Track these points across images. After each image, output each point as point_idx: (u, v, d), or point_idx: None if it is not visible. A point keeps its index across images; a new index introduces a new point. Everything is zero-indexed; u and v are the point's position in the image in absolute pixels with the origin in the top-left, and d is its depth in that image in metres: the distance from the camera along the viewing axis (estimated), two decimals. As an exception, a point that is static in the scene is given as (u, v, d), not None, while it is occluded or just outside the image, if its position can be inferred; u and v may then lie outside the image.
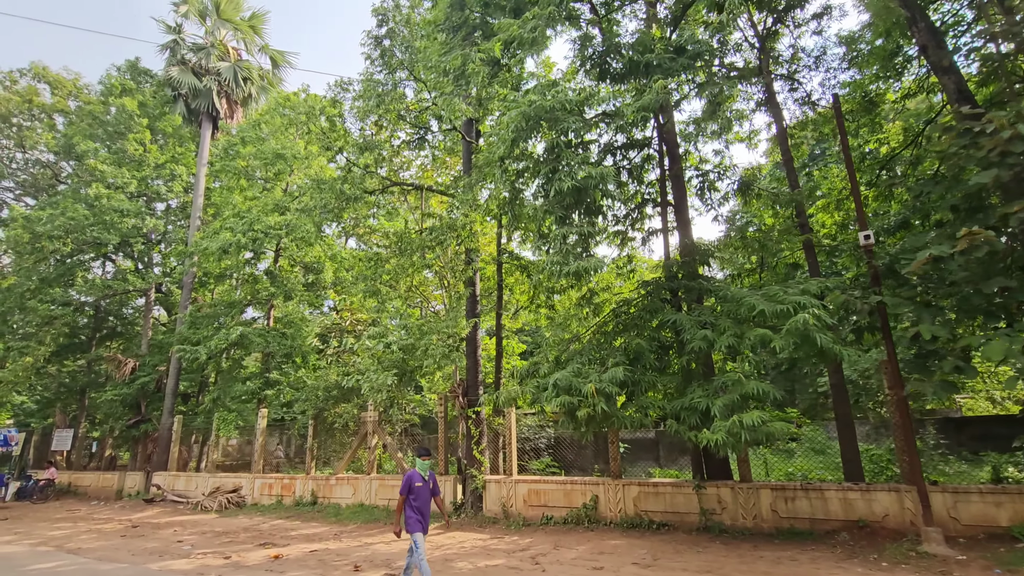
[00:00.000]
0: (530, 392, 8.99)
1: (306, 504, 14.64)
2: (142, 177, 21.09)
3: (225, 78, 24.26)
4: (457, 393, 12.93)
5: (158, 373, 20.46)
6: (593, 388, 7.88)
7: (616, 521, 10.33)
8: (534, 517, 11.21)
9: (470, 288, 13.76)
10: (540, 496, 11.36)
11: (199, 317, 18.85)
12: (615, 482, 10.62)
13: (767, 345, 7.22)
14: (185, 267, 19.45)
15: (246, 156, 19.60)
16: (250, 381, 17.81)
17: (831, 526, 8.70)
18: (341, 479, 14.44)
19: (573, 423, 8.39)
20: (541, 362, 9.70)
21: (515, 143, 7.20)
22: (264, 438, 16.67)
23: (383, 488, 13.61)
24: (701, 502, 9.69)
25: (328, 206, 13.49)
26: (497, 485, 11.93)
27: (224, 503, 15.61)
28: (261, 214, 17.18)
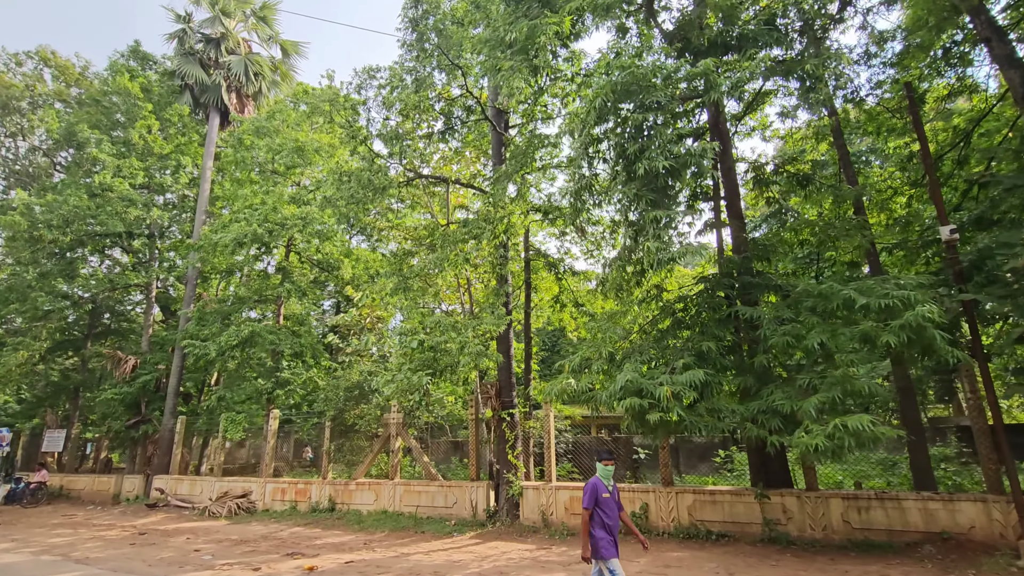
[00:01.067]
0: (588, 390, 8.39)
1: (323, 510, 13.86)
2: (146, 167, 20.22)
3: (234, 72, 23.51)
4: (490, 394, 12.28)
5: (159, 372, 19.55)
6: (668, 391, 7.30)
7: (669, 531, 9.73)
8: (577, 526, 10.56)
9: (503, 284, 13.16)
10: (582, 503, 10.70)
11: (207, 313, 18.00)
12: (667, 490, 10.03)
13: (870, 342, 6.69)
14: (191, 261, 18.60)
15: (262, 148, 18.85)
16: (260, 379, 16.99)
17: (910, 538, 8.17)
18: (361, 484, 13.69)
19: (642, 427, 7.80)
20: (593, 359, 9.09)
21: (601, 118, 6.62)
22: (275, 440, 15.86)
23: (408, 494, 12.89)
24: (764, 512, 9.12)
25: (356, 196, 12.81)
26: (536, 492, 11.28)
27: (234, 509, 14.78)
28: (277, 204, 16.45)
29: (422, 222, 16.19)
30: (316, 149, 18.60)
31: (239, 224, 16.42)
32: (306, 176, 20.18)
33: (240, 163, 19.66)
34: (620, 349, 9.07)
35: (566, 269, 15.09)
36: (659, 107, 6.54)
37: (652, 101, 6.48)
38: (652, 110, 6.48)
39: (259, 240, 15.92)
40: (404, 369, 11.28)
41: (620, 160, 6.96)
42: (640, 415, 7.62)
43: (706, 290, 9.62)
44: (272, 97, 25.79)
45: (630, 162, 6.64)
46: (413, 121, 13.73)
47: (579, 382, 8.42)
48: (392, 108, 14.08)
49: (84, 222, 18.30)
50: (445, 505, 12.31)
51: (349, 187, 13.53)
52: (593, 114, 6.54)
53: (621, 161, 6.93)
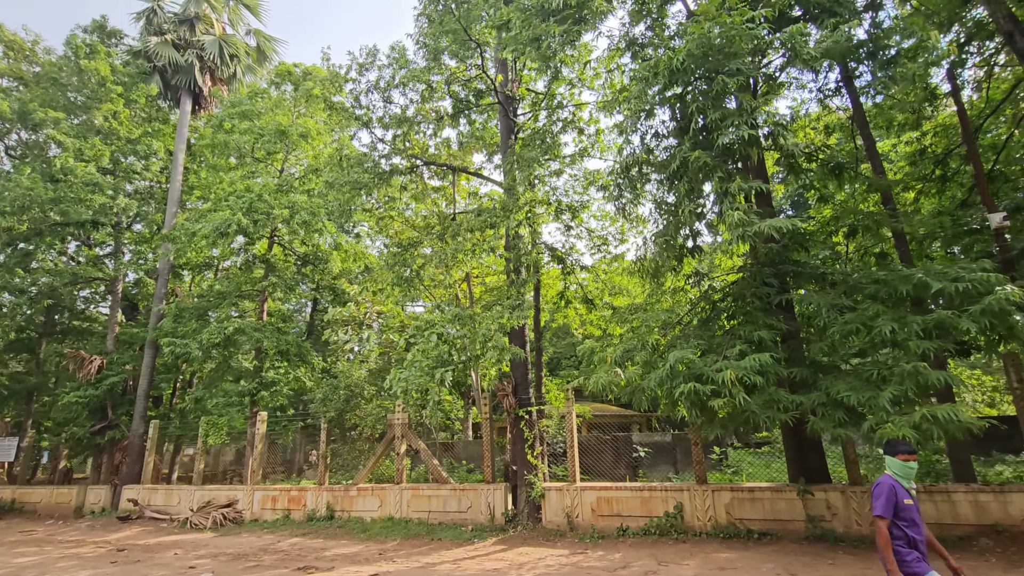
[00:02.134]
0: (637, 378, 7.90)
1: (321, 519, 12.91)
2: (113, 150, 18.65)
3: (209, 53, 22.11)
4: (506, 392, 11.64)
5: (127, 373, 18.05)
6: (732, 375, 6.86)
7: (707, 531, 9.33)
8: (606, 528, 10.06)
9: (518, 276, 12.54)
10: (612, 505, 10.23)
11: (185, 309, 16.67)
12: (702, 488, 9.63)
13: (944, 329, 6.41)
14: (166, 252, 17.23)
15: (243, 131, 17.63)
16: (243, 380, 15.82)
17: (961, 531, 8.00)
18: (364, 490, 12.82)
19: (703, 416, 7.35)
20: (634, 349, 8.60)
21: (672, 82, 6.10)
22: (263, 445, 14.77)
23: (417, 499, 12.11)
24: (808, 508, 8.82)
25: (360, 181, 11.96)
26: (559, 493, 10.71)
27: (219, 519, 13.64)
28: (264, 192, 15.36)
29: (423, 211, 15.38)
30: (302, 134, 17.51)
31: (222, 212, 15.23)
32: (290, 163, 19.02)
33: (219, 147, 18.34)
34: (661, 340, 8.61)
35: (573, 263, 14.58)
36: (739, 73, 6.10)
37: (733, 67, 6.03)
38: (733, 75, 6.04)
39: (243, 230, 14.78)
40: (421, 365, 10.53)
41: (689, 130, 6.49)
42: (700, 402, 7.17)
43: (746, 278, 9.27)
44: (247, 83, 24.45)
45: (708, 131, 6.18)
46: (426, 102, 12.95)
47: (626, 372, 7.90)
48: (400, 88, 13.29)
49: (42, 209, 16.67)
50: (459, 510, 11.60)
51: (352, 171, 12.67)
52: (661, 78, 6.03)
53: (690, 131, 6.46)
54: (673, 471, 19.40)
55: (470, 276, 16.18)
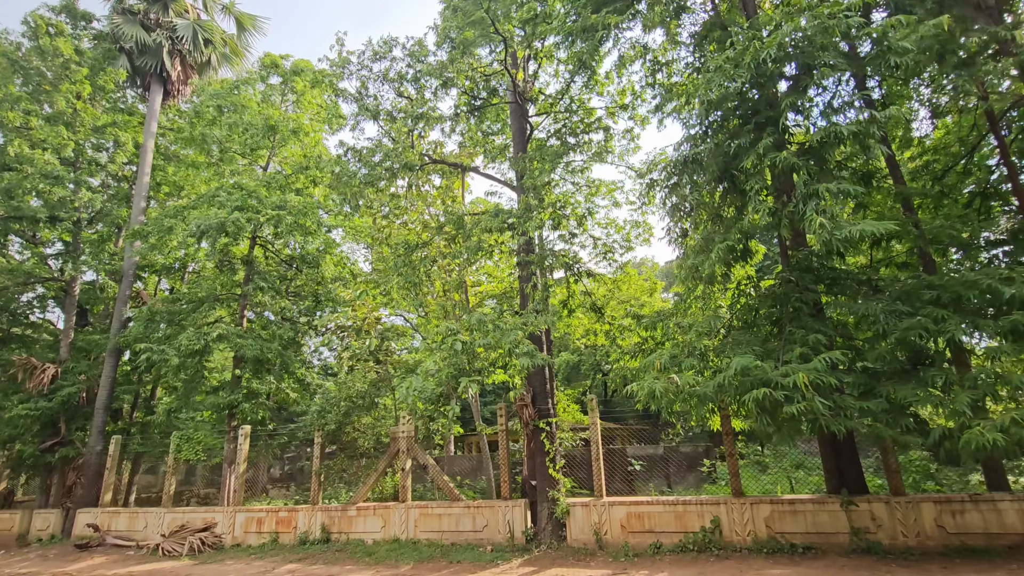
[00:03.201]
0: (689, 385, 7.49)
1: (316, 542, 11.84)
2: (76, 139, 17.06)
3: (181, 36, 20.76)
4: (525, 402, 11.04)
5: (83, 383, 16.35)
6: (805, 378, 6.56)
7: (747, 546, 8.97)
8: (638, 546, 9.56)
9: (529, 280, 12.03)
10: (643, 520, 9.75)
11: (158, 313, 15.24)
12: (739, 501, 9.29)
13: (1019, 334, 6.33)
14: (135, 251, 15.78)
15: (225, 124, 16.50)
16: (222, 392, 14.53)
17: (1009, 541, 7.94)
18: (364, 509, 11.86)
19: (772, 423, 7.00)
20: (680, 355, 8.23)
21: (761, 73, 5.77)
22: (246, 463, 13.54)
23: (425, 518, 11.26)
24: (852, 520, 8.61)
25: (374, 175, 11.22)
26: (585, 509, 10.15)
27: (197, 545, 12.32)
28: (259, 188, 14.32)
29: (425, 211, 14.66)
30: (293, 130, 16.53)
31: (208, 209, 14.07)
32: (277, 160, 17.94)
33: (196, 141, 17.09)
34: (710, 345, 8.27)
35: (580, 270, 14.20)
36: (831, 67, 5.90)
37: (822, 61, 5.83)
38: (829, 69, 5.83)
39: (238, 228, 13.65)
40: (440, 374, 9.83)
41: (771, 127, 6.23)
42: (770, 408, 6.83)
43: (785, 283, 9.09)
44: (221, 77, 23.16)
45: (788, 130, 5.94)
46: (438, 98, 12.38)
47: (682, 377, 7.49)
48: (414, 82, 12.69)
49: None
50: (473, 529, 10.84)
51: (367, 163, 11.92)
52: (746, 71, 5.76)
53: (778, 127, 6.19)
54: (666, 484, 19.20)
55: (465, 284, 15.51)
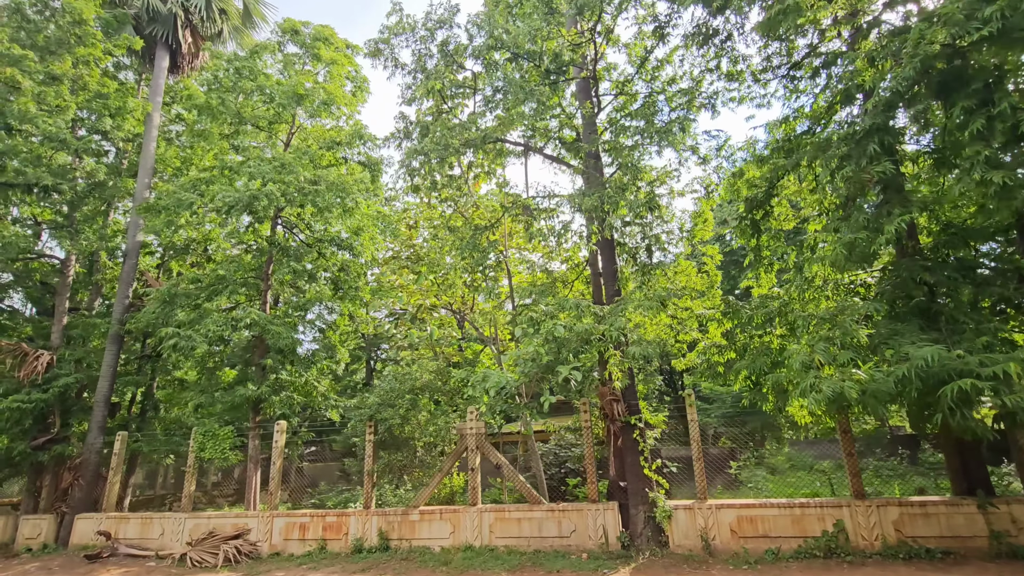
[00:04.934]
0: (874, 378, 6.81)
1: (373, 549, 10.67)
2: (80, 103, 15.26)
3: (195, 4, 19.18)
4: (616, 397, 10.20)
5: (80, 374, 14.58)
6: (1017, 369, 5.98)
7: (877, 551, 8.39)
8: (753, 551, 8.86)
9: (612, 267, 11.27)
10: (755, 524, 9.06)
11: (177, 295, 13.65)
12: (864, 503, 8.71)
13: None
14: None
15: (245, 91, 15.08)
16: (250, 383, 13.09)
17: None
18: (428, 513, 10.76)
19: (966, 421, 6.39)
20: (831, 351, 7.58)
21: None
22: (282, 461, 12.21)
23: (502, 523, 10.26)
24: (990, 523, 8.14)
25: (449, 145, 10.21)
26: (689, 513, 9.39)
27: (232, 554, 10.94)
28: (293, 162, 13.05)
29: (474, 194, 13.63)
30: (325, 101, 15.25)
31: (233, 181, 12.70)
32: (301, 135, 16.56)
33: (212, 109, 15.56)
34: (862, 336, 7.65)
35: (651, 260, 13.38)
36: None
37: None
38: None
39: (262, 203, 12.33)
40: (539, 361, 8.91)
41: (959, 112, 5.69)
42: (969, 404, 6.24)
43: (898, 275, 8.60)
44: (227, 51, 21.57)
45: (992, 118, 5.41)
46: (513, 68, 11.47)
47: (861, 375, 6.82)
48: (476, 56, 11.74)
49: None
50: (559, 535, 9.92)
51: (442, 136, 10.88)
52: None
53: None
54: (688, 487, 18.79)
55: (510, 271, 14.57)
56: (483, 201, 13.72)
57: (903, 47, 6.45)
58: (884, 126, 6.86)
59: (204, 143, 16.17)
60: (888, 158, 6.96)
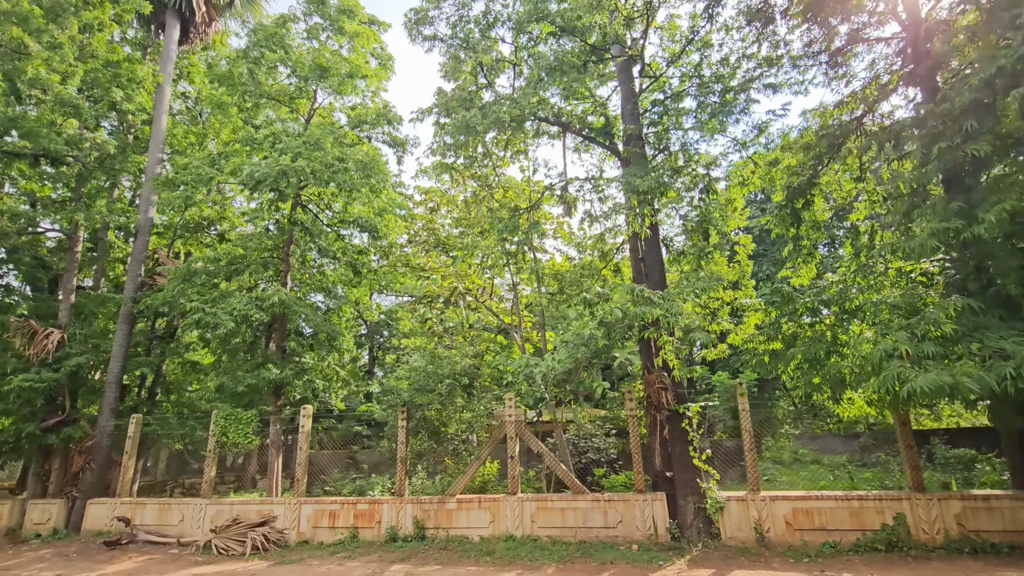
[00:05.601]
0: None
1: (409, 538, 10.33)
2: (87, 71, 14.53)
3: (210, -32, 18.45)
4: (665, 384, 9.92)
5: (92, 353, 14.01)
6: None
7: (939, 545, 8.22)
8: (810, 544, 8.64)
9: (656, 252, 10.95)
10: (811, 517, 8.85)
11: (197, 273, 13.08)
12: (925, 497, 8.52)
13: None
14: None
15: (267, 62, 14.47)
16: (272, 366, 12.63)
17: None
18: (467, 502, 10.43)
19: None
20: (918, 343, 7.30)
21: None
22: (308, 446, 11.80)
23: (544, 513, 9.96)
24: (1056, 518, 8.00)
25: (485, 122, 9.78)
26: (742, 504, 9.15)
27: (260, 542, 10.53)
28: (321, 138, 12.53)
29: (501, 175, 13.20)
30: (349, 73, 14.68)
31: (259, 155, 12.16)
32: (324, 110, 15.97)
33: (233, 81, 14.91)
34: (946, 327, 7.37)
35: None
36: None
37: None
38: None
39: (292, 179, 11.82)
40: (595, 342, 8.59)
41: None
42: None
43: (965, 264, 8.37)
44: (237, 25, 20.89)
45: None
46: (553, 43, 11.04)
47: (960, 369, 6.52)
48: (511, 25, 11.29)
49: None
50: (605, 525, 9.64)
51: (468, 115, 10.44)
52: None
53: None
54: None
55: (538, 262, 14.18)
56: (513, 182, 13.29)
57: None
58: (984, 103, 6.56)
59: (222, 117, 15.53)
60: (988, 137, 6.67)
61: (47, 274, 16.85)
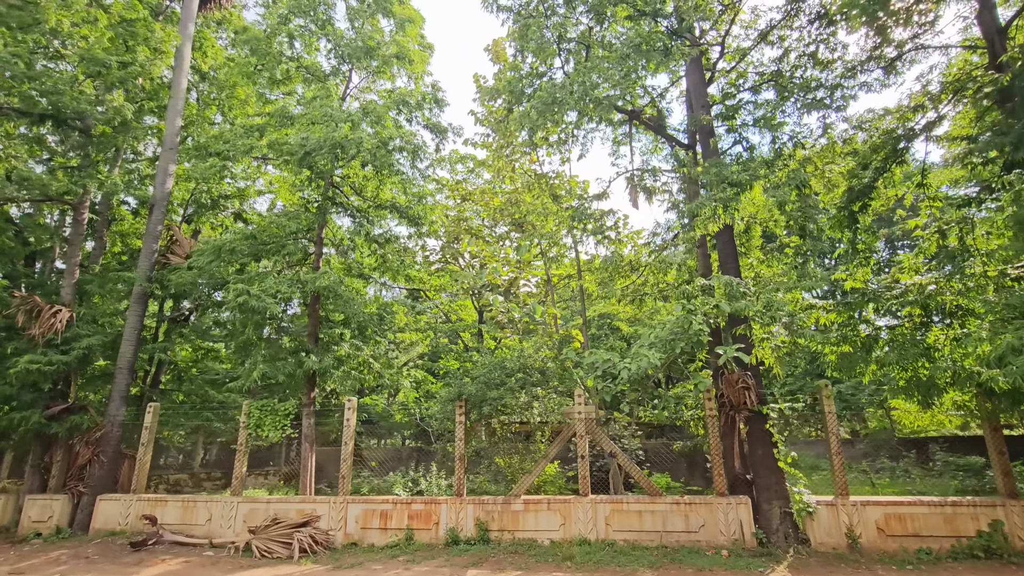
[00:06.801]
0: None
1: (472, 541, 9.68)
2: (107, 26, 13.30)
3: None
4: (747, 384, 9.57)
5: (105, 334, 12.80)
6: None
7: (1037, 553, 8.12)
8: (904, 550, 8.44)
9: (730, 247, 10.64)
10: (904, 523, 8.65)
11: (224, 248, 12.05)
12: (1020, 503, 8.43)
13: None
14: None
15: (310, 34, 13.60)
16: (311, 354, 11.75)
17: None
18: (534, 503, 9.85)
19: None
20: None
21: None
22: (352, 442, 10.99)
23: (619, 516, 9.48)
24: None
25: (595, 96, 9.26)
26: (831, 510, 8.88)
27: (308, 544, 9.69)
28: (380, 112, 11.76)
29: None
30: (397, 55, 13.92)
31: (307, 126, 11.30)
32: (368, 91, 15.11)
33: (266, 51, 13.91)
34: None
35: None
36: None
37: None
38: None
39: (350, 150, 11.03)
40: (675, 343, 8.17)
41: None
42: None
43: None
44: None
45: None
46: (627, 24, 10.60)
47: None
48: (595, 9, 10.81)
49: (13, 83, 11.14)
50: (686, 530, 9.23)
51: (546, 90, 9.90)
52: None
53: None
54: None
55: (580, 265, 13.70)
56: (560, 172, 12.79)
57: None
58: None
59: (251, 86, 14.50)
60: None
61: (24, 249, 15.41)
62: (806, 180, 9.44)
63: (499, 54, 14.76)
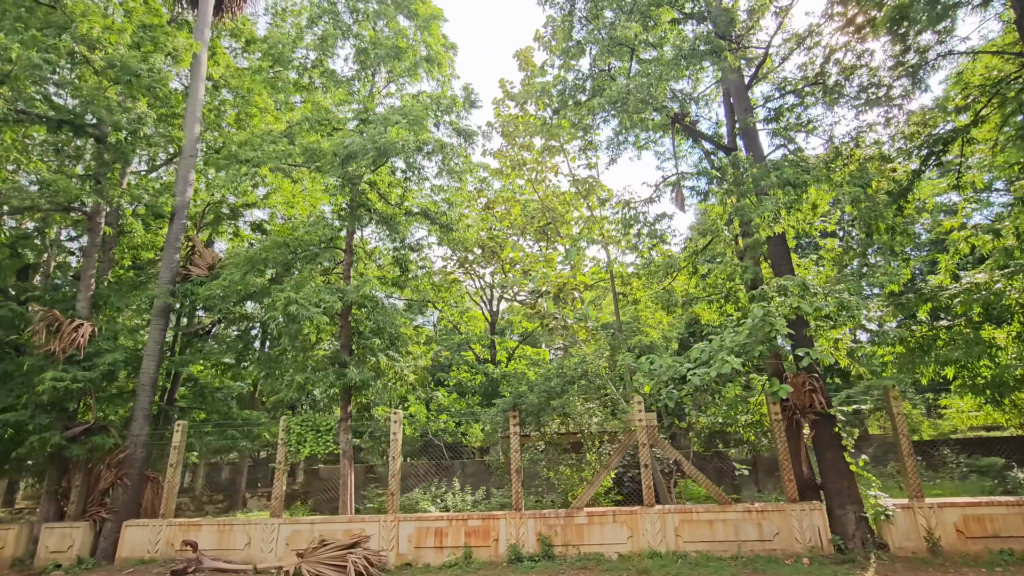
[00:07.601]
0: None
1: (536, 557, 9.25)
2: (134, 30, 12.84)
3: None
4: (814, 387, 9.41)
5: (127, 350, 12.15)
6: None
7: (1120, 551, 8.04)
8: (985, 552, 8.29)
9: (783, 248, 10.56)
10: (983, 524, 8.51)
11: (259, 260, 11.56)
12: (1097, 501, 8.37)
13: None
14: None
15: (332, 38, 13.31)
16: (351, 367, 11.27)
17: None
18: (597, 515, 9.49)
19: None
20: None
21: None
22: (399, 456, 10.52)
23: (689, 526, 9.17)
24: None
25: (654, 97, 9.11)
26: (908, 512, 8.71)
27: (363, 566, 9.17)
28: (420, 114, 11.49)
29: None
30: (427, 58, 13.70)
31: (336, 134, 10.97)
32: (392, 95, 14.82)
33: (286, 59, 13.61)
34: None
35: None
36: None
37: None
38: None
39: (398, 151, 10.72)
40: (759, 347, 7.98)
41: None
42: None
43: None
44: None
45: None
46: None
47: None
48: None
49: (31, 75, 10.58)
50: (760, 538, 8.96)
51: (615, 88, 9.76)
52: None
53: None
54: (756, 489, 18.60)
55: None
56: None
57: None
58: None
59: (271, 93, 14.12)
60: None
61: (16, 262, 14.67)
62: (870, 179, 9.40)
63: (527, 60, 14.65)
